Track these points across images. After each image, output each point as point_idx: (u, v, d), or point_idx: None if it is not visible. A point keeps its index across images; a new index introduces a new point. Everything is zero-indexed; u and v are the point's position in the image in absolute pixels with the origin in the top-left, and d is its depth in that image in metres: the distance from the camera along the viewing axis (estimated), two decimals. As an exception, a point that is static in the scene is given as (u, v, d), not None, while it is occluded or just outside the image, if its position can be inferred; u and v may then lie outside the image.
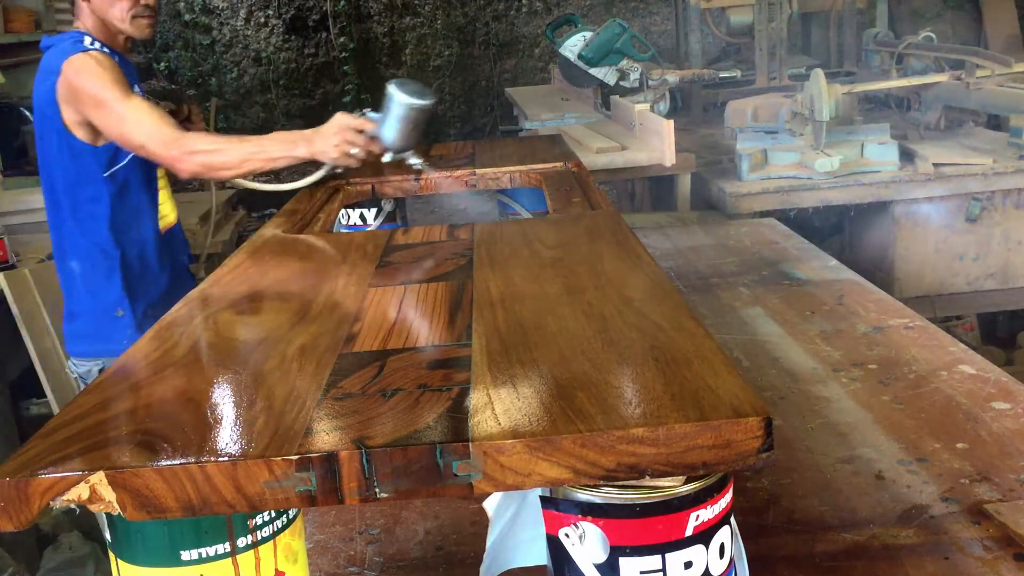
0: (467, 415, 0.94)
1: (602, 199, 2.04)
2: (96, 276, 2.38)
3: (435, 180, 2.46)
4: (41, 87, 2.30)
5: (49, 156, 2.33)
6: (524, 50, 9.50)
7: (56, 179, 2.34)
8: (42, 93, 2.30)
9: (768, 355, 2.44)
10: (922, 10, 8.64)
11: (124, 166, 2.34)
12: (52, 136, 2.30)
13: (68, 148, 2.30)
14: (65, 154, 2.31)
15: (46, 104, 2.29)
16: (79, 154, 2.30)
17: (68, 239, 2.37)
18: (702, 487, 0.94)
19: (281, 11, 9.33)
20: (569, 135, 4.40)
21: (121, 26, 2.36)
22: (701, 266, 3.35)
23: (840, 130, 4.29)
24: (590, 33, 5.24)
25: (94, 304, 2.39)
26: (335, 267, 1.62)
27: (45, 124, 2.31)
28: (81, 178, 2.32)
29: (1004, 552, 1.51)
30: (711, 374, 0.99)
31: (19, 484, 0.89)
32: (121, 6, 2.33)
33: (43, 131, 2.32)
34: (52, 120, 2.28)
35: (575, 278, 1.41)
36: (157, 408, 1.03)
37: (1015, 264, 4.17)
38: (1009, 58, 4.50)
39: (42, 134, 2.33)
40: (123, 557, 0.97)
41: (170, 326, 1.33)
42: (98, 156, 2.31)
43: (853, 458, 1.86)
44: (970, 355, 2.35)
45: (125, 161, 2.34)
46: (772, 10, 5.66)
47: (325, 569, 1.55)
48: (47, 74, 2.28)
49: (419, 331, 1.24)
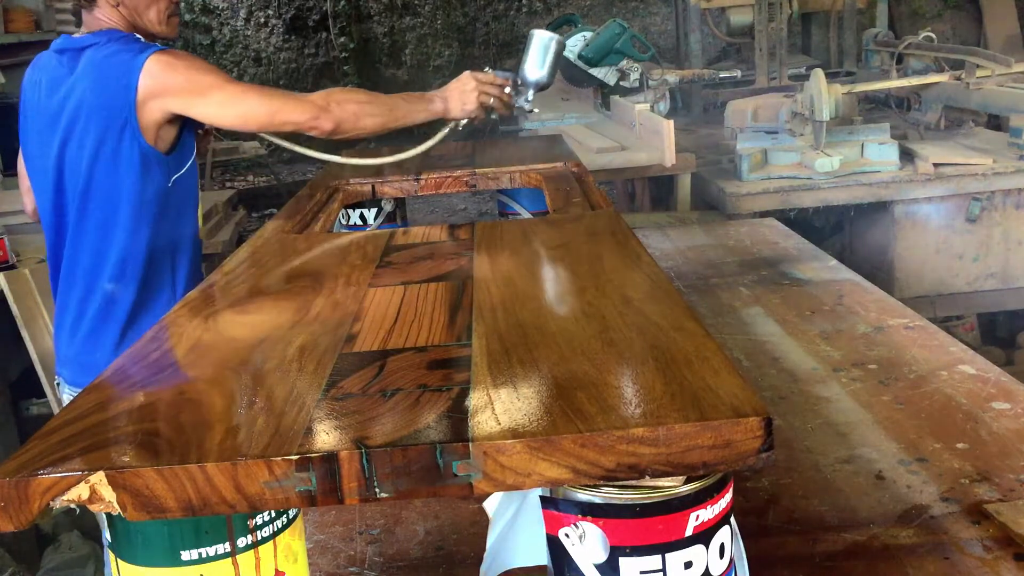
0: (467, 415, 0.94)
1: (602, 199, 2.04)
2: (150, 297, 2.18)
3: (435, 180, 2.46)
4: (97, 92, 2.07)
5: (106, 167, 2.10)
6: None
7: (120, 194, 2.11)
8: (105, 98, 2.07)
9: (768, 355, 2.44)
10: (922, 10, 8.64)
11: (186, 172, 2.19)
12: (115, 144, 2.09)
13: (140, 157, 2.10)
14: (135, 164, 2.09)
15: (110, 110, 2.07)
16: (150, 163, 2.11)
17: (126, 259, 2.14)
18: (702, 487, 0.94)
19: (281, 11, 9.33)
20: (569, 135, 4.40)
21: (158, 28, 2.22)
22: (701, 266, 3.35)
23: (840, 130, 4.29)
24: (590, 33, 5.25)
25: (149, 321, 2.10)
26: (335, 267, 1.62)
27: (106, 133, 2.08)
28: (146, 189, 2.12)
29: (1004, 552, 1.51)
30: (711, 374, 0.99)
31: (19, 484, 0.88)
32: (159, 7, 2.20)
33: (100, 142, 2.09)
34: (120, 127, 2.07)
35: (575, 278, 1.41)
36: (157, 408, 1.03)
37: (1015, 264, 4.17)
38: (1009, 58, 4.50)
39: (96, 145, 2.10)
40: (123, 557, 0.97)
41: (170, 326, 1.33)
42: (165, 163, 2.14)
43: (853, 458, 1.86)
44: (970, 355, 2.35)
45: (187, 166, 2.19)
46: (772, 10, 5.67)
47: (325, 569, 1.55)
48: (109, 76, 2.06)
49: (419, 331, 1.24)
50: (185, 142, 2.17)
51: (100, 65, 2.07)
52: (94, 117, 2.07)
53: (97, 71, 2.07)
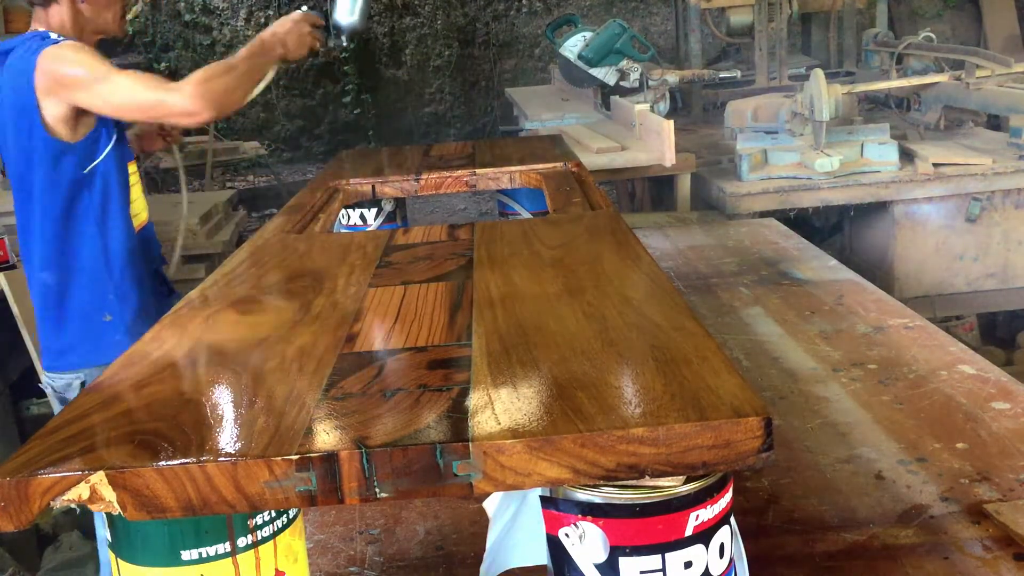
0: (467, 415, 0.94)
1: (602, 199, 2.04)
2: (80, 281, 2.30)
3: (435, 180, 2.46)
4: (12, 91, 2.22)
5: (23, 163, 2.25)
6: (524, 50, 9.50)
7: (33, 186, 2.26)
8: (16, 96, 2.21)
9: (768, 355, 2.44)
10: (922, 10, 8.64)
11: (102, 161, 2.28)
12: (27, 141, 2.22)
13: (47, 149, 2.22)
14: (46, 156, 2.23)
15: (20, 108, 2.20)
16: (58, 154, 2.23)
17: (48, 247, 2.29)
18: (702, 487, 0.94)
19: (281, 11, 9.32)
20: (569, 135, 4.40)
21: (113, 27, 2.37)
22: (701, 266, 3.35)
23: (840, 130, 4.29)
24: (590, 33, 5.25)
25: (79, 311, 2.31)
26: (335, 267, 1.62)
27: (19, 129, 2.22)
28: (61, 180, 2.25)
29: (1004, 552, 1.51)
30: (711, 374, 0.99)
31: (19, 484, 0.89)
32: (115, 9, 2.35)
33: (16, 137, 2.24)
34: (28, 123, 2.21)
35: (575, 278, 1.41)
36: (157, 408, 1.03)
37: (1015, 264, 4.17)
38: (1009, 58, 4.50)
39: (16, 140, 2.25)
40: (123, 557, 0.97)
41: (170, 326, 1.33)
42: (76, 152, 2.25)
43: (853, 458, 1.86)
44: (970, 355, 2.35)
45: (103, 155, 2.28)
46: (772, 10, 5.66)
47: (325, 569, 1.55)
48: (17, 74, 2.20)
49: (419, 331, 1.24)
50: (100, 131, 2.27)
51: (12, 66, 2.23)
52: (11, 115, 2.23)
53: (11, 72, 2.23)
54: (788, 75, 5.71)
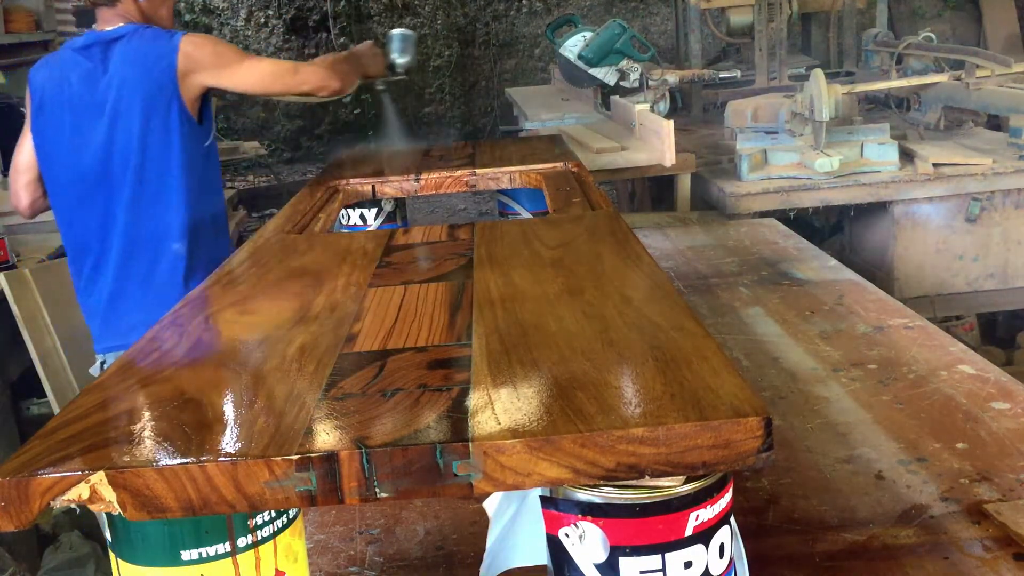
0: (467, 415, 0.94)
1: (602, 199, 2.04)
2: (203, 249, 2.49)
3: (435, 180, 2.47)
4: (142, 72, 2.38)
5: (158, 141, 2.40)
6: (524, 50, 9.51)
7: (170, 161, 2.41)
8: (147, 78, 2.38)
9: (768, 355, 2.44)
10: (922, 10, 8.65)
11: (213, 137, 2.54)
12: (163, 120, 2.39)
13: (184, 125, 2.42)
14: (184, 132, 2.42)
15: (155, 88, 2.38)
16: (193, 130, 2.44)
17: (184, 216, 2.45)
18: (702, 487, 0.94)
19: (281, 11, 9.33)
20: (569, 135, 4.40)
21: (167, 23, 2.55)
22: (701, 266, 3.35)
23: (840, 130, 4.28)
24: (590, 33, 5.24)
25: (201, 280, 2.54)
26: (335, 267, 1.62)
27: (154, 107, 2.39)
28: (195, 153, 2.46)
29: (1004, 552, 1.51)
30: (711, 374, 0.99)
31: (19, 484, 0.89)
32: (168, 5, 2.55)
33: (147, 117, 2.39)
34: (166, 101, 2.38)
35: (575, 278, 1.41)
36: (157, 408, 1.03)
37: (1015, 264, 4.16)
38: (1009, 58, 4.50)
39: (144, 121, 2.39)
40: (123, 557, 0.97)
41: (171, 325, 1.33)
42: (203, 129, 2.48)
43: (853, 458, 1.86)
44: (970, 355, 2.34)
45: (213, 134, 2.53)
46: (772, 10, 5.66)
47: (325, 569, 1.55)
48: (155, 58, 2.38)
49: (419, 331, 1.24)
50: (207, 114, 2.50)
51: (139, 51, 2.40)
52: (140, 98, 2.39)
53: (137, 57, 2.39)
54: (788, 75, 5.71)
